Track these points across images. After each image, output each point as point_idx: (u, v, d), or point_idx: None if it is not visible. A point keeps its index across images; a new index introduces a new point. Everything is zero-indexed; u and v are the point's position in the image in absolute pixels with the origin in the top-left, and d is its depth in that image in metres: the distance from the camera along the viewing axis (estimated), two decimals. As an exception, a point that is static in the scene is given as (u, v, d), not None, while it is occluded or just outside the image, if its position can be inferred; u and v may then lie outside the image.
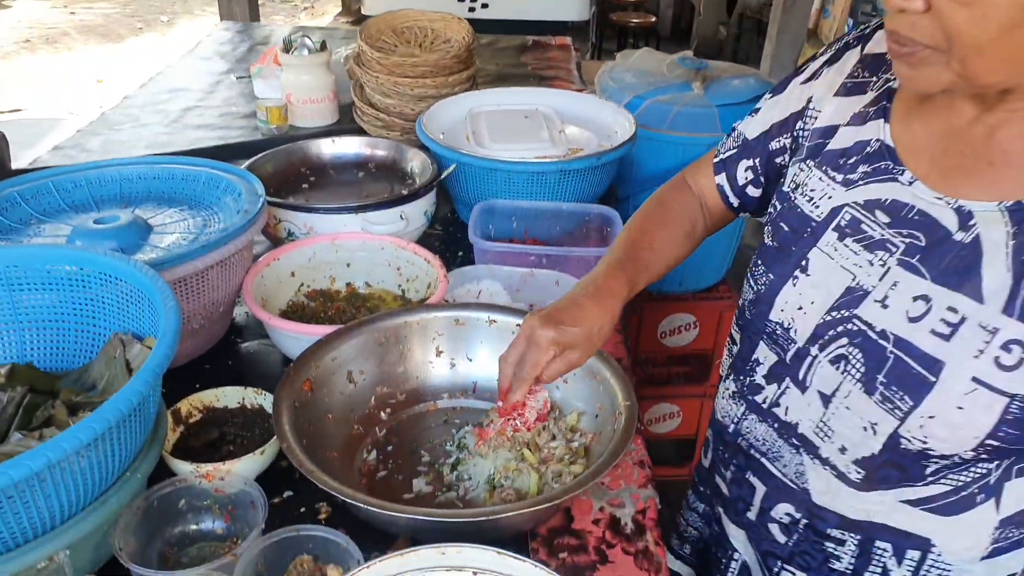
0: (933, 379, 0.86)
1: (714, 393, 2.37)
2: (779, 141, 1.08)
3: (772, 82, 2.16)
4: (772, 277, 1.01)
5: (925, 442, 0.88)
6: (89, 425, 0.76)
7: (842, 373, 0.93)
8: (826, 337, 0.94)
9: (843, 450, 0.95)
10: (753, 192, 1.16)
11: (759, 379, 1.05)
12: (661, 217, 1.19)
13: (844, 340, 0.92)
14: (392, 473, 1.10)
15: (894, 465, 0.92)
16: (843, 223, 0.94)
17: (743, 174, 1.15)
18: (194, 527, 0.99)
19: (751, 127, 1.13)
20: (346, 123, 2.20)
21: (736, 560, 1.17)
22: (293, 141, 1.79)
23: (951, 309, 0.85)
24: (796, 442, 1.00)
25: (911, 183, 0.90)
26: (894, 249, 0.89)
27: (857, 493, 0.96)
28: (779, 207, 1.04)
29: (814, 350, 0.95)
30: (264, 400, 1.14)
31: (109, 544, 0.87)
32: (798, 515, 1.04)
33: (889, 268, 0.89)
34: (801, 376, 0.98)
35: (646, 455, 1.17)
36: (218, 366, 1.31)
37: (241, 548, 0.89)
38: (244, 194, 1.35)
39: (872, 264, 0.91)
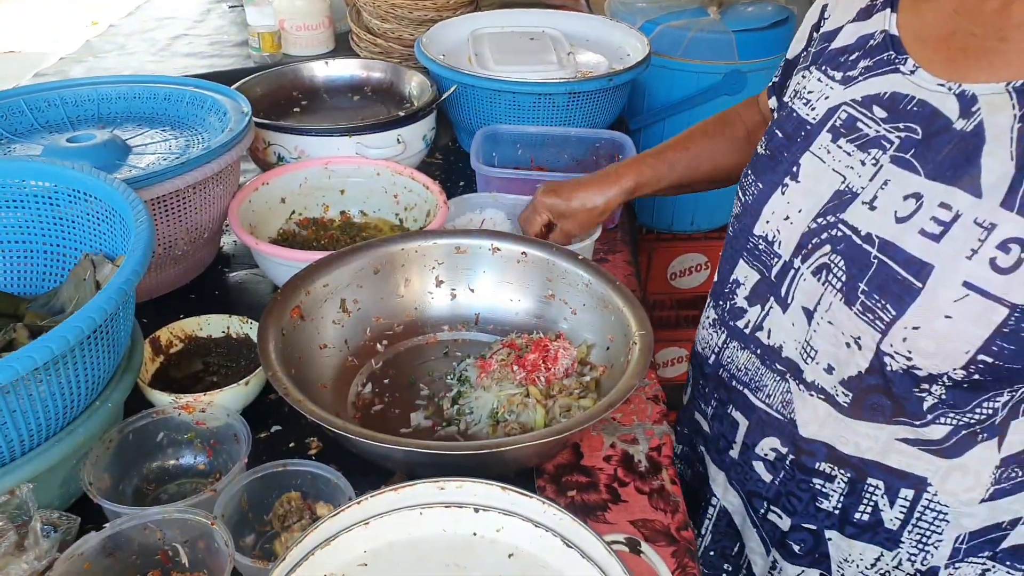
0: (919, 285, 0.78)
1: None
2: (805, 54, 1.00)
3: (792, 8, 2.04)
4: (761, 186, 0.94)
5: (910, 358, 0.80)
6: (45, 345, 0.68)
7: (823, 284, 0.86)
8: (810, 246, 0.87)
9: (829, 370, 0.88)
10: None
11: (740, 302, 0.98)
12: (711, 124, 1.20)
13: (827, 248, 0.85)
14: (388, 407, 1.03)
15: (883, 391, 0.85)
16: (838, 123, 0.87)
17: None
18: (174, 462, 0.92)
19: (792, 46, 1.06)
20: (342, 51, 2.09)
21: (713, 506, 1.11)
22: (286, 67, 1.68)
23: (944, 206, 0.77)
24: (781, 367, 0.93)
25: (913, 72, 0.83)
26: (888, 146, 0.82)
27: (847, 421, 0.89)
28: (776, 116, 0.97)
29: (797, 262, 0.88)
30: (251, 329, 1.06)
31: (79, 480, 0.80)
32: (784, 450, 0.96)
33: (881, 166, 0.82)
34: (784, 293, 0.91)
35: (660, 390, 1.09)
36: (204, 296, 1.23)
37: (222, 483, 0.82)
38: (230, 113, 1.26)
39: (864, 164, 0.84)
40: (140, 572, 0.78)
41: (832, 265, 0.84)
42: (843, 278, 0.83)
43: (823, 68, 0.92)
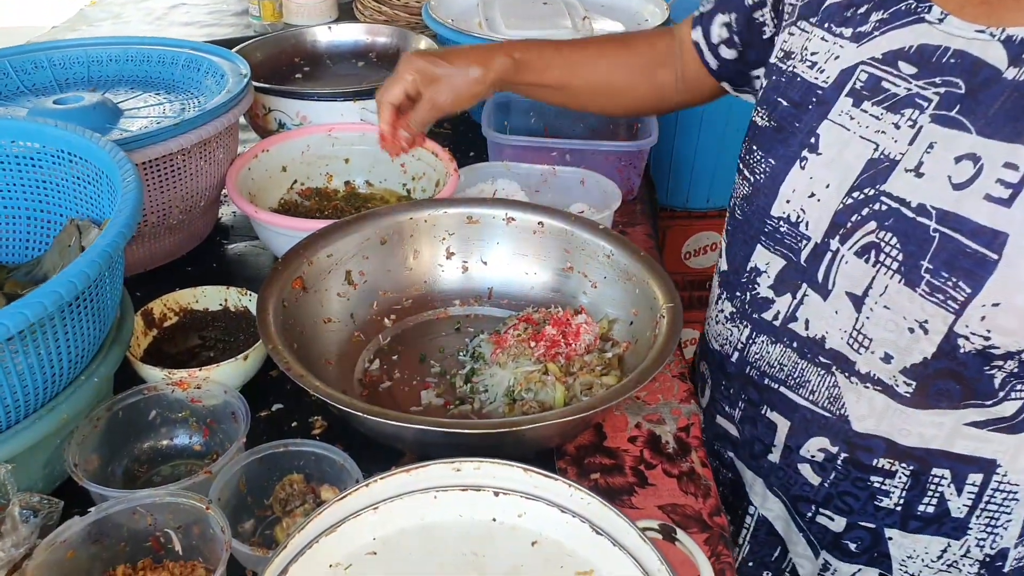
0: (994, 257, 0.70)
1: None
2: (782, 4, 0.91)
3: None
4: (773, 163, 0.85)
5: (988, 338, 0.73)
6: (19, 311, 0.61)
7: (874, 266, 0.77)
8: (849, 225, 0.78)
9: (887, 359, 0.79)
10: (727, 53, 1.00)
11: (764, 291, 0.89)
12: (616, 38, 1.13)
13: (872, 225, 0.76)
14: (397, 384, 0.96)
15: (952, 375, 0.77)
16: (858, 85, 0.79)
17: (718, 30, 1.00)
18: (167, 443, 0.86)
19: None
20: (346, 21, 2.01)
21: (751, 515, 1.01)
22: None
23: (1009, 166, 0.69)
24: (825, 360, 0.84)
25: (941, 20, 0.75)
26: (925, 104, 0.74)
27: (908, 412, 0.80)
28: (772, 80, 0.88)
29: (835, 243, 0.80)
30: (250, 301, 0.99)
31: (63, 461, 0.74)
32: (834, 449, 0.87)
33: (920, 127, 0.74)
34: (821, 278, 0.82)
35: (687, 367, 1.03)
36: (201, 268, 1.16)
37: (218, 465, 0.75)
38: (228, 76, 1.19)
39: (898, 127, 0.75)
40: (130, 560, 0.71)
41: (882, 244, 0.76)
42: (899, 257, 0.75)
43: (825, 25, 0.83)
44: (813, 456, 0.89)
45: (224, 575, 0.66)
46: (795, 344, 0.86)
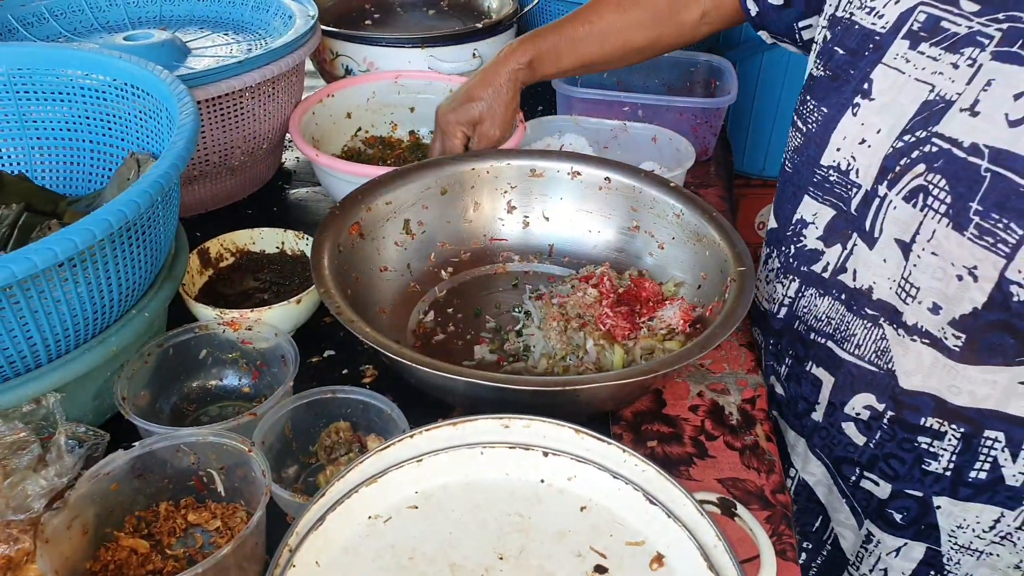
0: None
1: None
2: None
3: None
4: (825, 111, 0.81)
5: None
6: (67, 237, 0.60)
7: (921, 210, 0.73)
8: (897, 169, 0.74)
9: (935, 309, 0.75)
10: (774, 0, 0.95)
11: (812, 243, 0.86)
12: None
13: (921, 167, 0.72)
14: (451, 338, 0.94)
15: (1006, 327, 0.71)
16: (916, 26, 0.74)
17: None
18: (217, 383, 0.85)
19: None
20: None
21: (791, 478, 0.97)
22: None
23: None
24: (872, 311, 0.80)
25: None
26: (986, 42, 0.70)
27: (958, 367, 0.76)
28: (831, 34, 0.83)
29: (882, 189, 0.76)
30: (306, 246, 0.97)
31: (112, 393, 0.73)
32: (880, 407, 0.83)
33: (980, 66, 0.70)
34: (869, 226, 0.78)
35: (756, 336, 0.97)
36: (261, 212, 1.15)
37: (263, 407, 0.74)
38: (296, 17, 1.16)
39: (956, 67, 0.71)
40: (173, 498, 0.71)
41: (930, 186, 0.72)
42: (947, 200, 0.71)
43: None
44: (858, 414, 0.85)
45: (262, 519, 0.65)
46: (843, 296, 0.83)
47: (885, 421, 0.83)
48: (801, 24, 0.94)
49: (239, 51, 1.15)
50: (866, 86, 0.77)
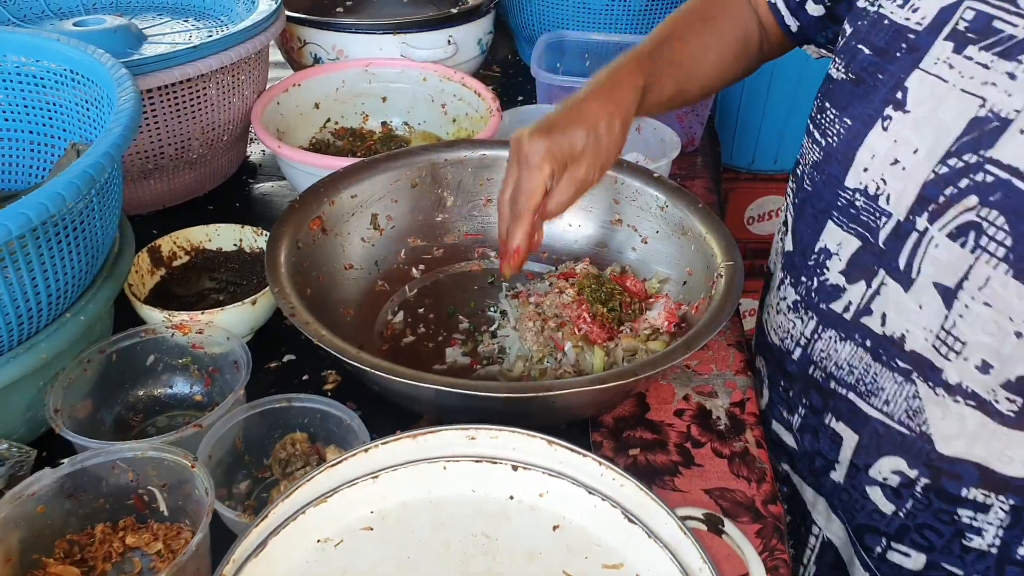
0: None
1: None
2: None
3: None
4: (849, 123, 0.70)
5: None
6: (-22, 232, 0.53)
7: (972, 251, 0.62)
8: (941, 200, 0.63)
9: (984, 368, 0.64)
10: (814, 10, 0.84)
11: (833, 277, 0.74)
12: (705, 13, 0.88)
13: (972, 200, 0.61)
14: (422, 340, 0.88)
15: None
16: (962, 25, 0.63)
17: None
18: (166, 391, 0.79)
19: None
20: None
21: (815, 536, 0.86)
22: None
23: None
24: (904, 364, 0.70)
25: None
26: None
27: (1011, 434, 0.66)
28: (854, 28, 0.72)
29: (922, 222, 0.65)
30: (266, 242, 0.91)
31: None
32: (912, 473, 0.72)
33: None
34: (904, 264, 0.67)
35: (744, 336, 0.92)
36: (223, 207, 1.09)
37: (211, 418, 0.68)
38: (260, 4, 1.10)
39: (1014, 77, 0.60)
40: (110, 519, 0.65)
41: (985, 224, 0.61)
42: (1006, 242, 0.60)
43: None
44: (885, 479, 0.75)
45: (205, 541, 0.59)
46: (868, 343, 0.72)
47: (918, 489, 0.73)
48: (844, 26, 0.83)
49: (199, 38, 1.09)
50: (899, 95, 0.66)
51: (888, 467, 0.74)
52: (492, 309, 0.91)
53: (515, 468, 0.59)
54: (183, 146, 0.99)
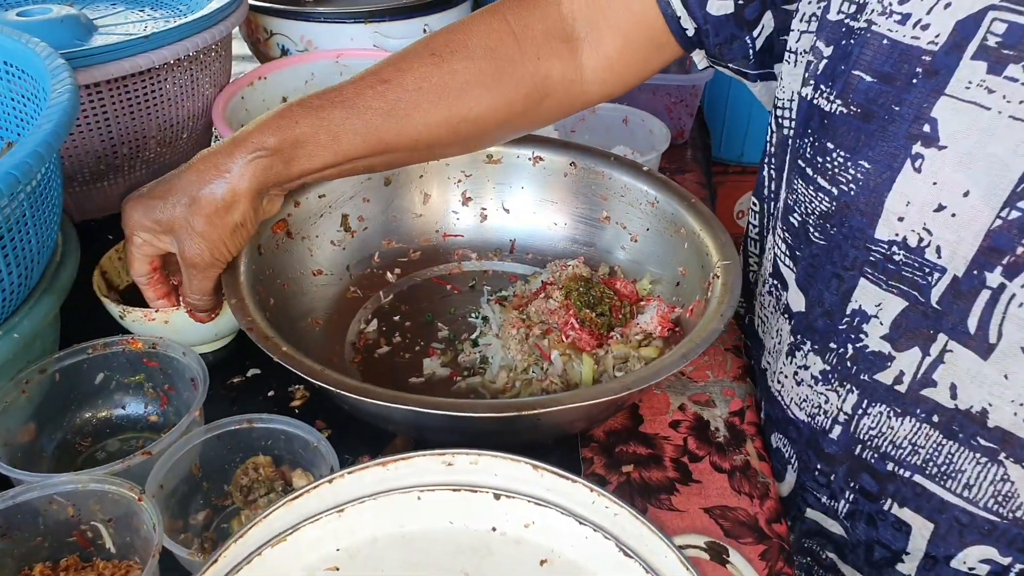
0: None
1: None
2: None
3: None
4: (868, 167, 0.59)
5: None
6: None
7: None
8: (1020, 251, 0.54)
9: None
10: (718, 8, 0.71)
11: (874, 343, 0.64)
12: (456, 38, 0.73)
13: None
14: (397, 350, 0.82)
15: None
16: (993, 41, 0.52)
17: None
18: (119, 411, 0.72)
19: None
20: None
21: None
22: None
23: None
24: (988, 443, 0.61)
25: None
26: None
27: None
28: (834, 50, 0.61)
29: (995, 278, 0.56)
30: (227, 248, 0.85)
31: (-21, 430, 0.61)
32: (1005, 560, 0.64)
33: None
34: (974, 327, 0.58)
35: (742, 339, 0.86)
36: (184, 211, 1.02)
37: (162, 443, 0.61)
38: (222, -9, 1.03)
39: None
40: (51, 557, 0.58)
41: None
42: None
43: None
44: (972, 568, 0.66)
45: (152, 585, 0.53)
46: (936, 418, 0.63)
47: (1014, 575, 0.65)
48: (754, 34, 0.72)
49: (155, 28, 1.02)
50: (927, 128, 0.56)
51: (976, 556, 0.65)
52: (473, 315, 0.85)
53: (497, 496, 0.53)
54: (138, 145, 0.93)
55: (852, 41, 0.60)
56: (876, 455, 0.68)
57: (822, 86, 0.62)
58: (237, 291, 0.69)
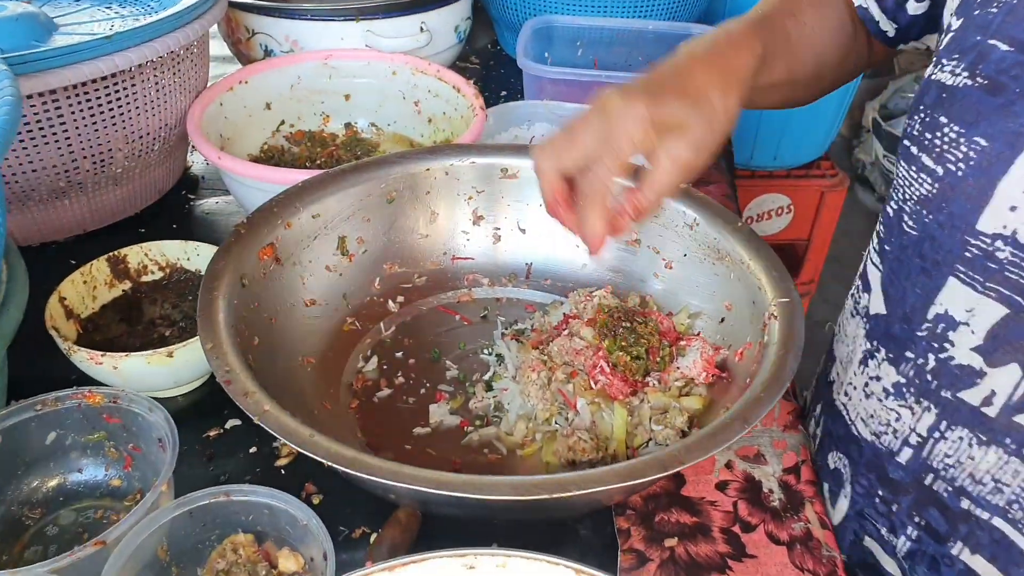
0: None
1: (810, 292, 1.88)
2: None
3: None
4: (984, 144, 0.52)
5: None
6: None
7: None
8: None
9: None
10: (915, 8, 0.67)
11: (963, 356, 0.56)
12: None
13: None
14: (399, 393, 0.71)
15: None
16: None
17: None
18: (75, 476, 0.62)
19: None
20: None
21: None
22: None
23: None
24: None
25: None
26: None
27: None
28: (966, 18, 0.55)
29: None
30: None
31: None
32: None
33: None
34: None
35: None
36: (158, 229, 0.92)
37: (119, 529, 0.51)
38: (199, -14, 0.93)
39: None
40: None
41: None
42: None
43: None
44: None
45: None
46: None
47: None
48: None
49: (122, 27, 0.91)
50: None
51: None
52: (486, 351, 0.75)
53: (532, 606, 0.43)
54: (103, 158, 0.82)
55: (991, 9, 0.53)
56: (950, 488, 0.59)
57: (944, 60, 0.56)
58: (214, 334, 0.58)
